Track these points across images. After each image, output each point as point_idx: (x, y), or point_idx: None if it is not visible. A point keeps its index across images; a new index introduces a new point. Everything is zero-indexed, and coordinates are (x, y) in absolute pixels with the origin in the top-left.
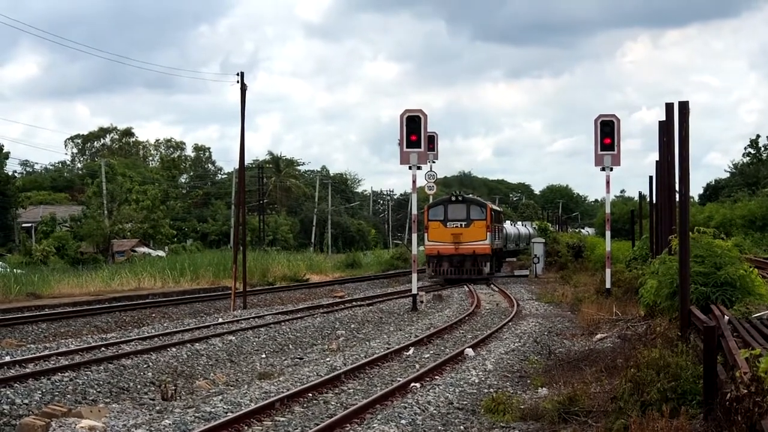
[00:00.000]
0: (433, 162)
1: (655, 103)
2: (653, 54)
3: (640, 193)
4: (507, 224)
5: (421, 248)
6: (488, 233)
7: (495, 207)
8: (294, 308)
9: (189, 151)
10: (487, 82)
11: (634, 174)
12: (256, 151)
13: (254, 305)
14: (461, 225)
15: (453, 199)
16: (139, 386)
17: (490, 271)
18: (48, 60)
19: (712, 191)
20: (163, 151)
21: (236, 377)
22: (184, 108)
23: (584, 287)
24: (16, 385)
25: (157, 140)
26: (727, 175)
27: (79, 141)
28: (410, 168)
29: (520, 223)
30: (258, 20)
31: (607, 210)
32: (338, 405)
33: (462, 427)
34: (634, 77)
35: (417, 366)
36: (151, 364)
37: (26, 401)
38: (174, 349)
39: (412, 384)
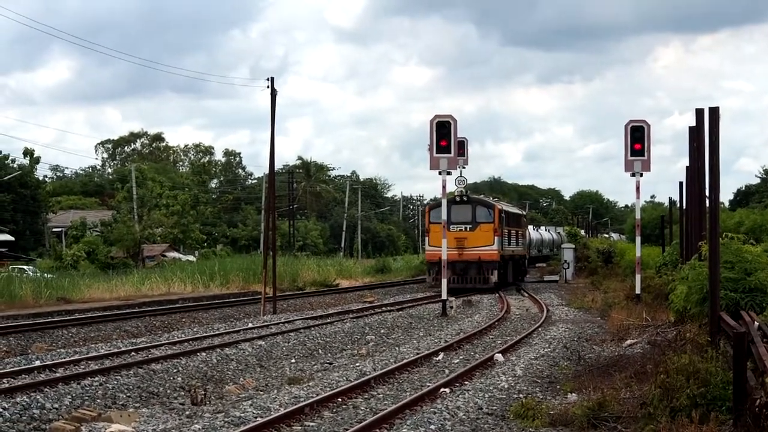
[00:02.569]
0: (463, 167)
1: (686, 108)
2: (685, 59)
3: (670, 199)
4: (529, 229)
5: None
6: (496, 237)
7: (510, 208)
8: (324, 313)
9: (219, 156)
10: (518, 87)
11: (665, 179)
12: (287, 156)
13: (284, 310)
14: (466, 228)
15: (457, 199)
16: (168, 391)
17: (498, 279)
18: (79, 65)
19: (743, 197)
20: (192, 156)
21: (266, 382)
22: (215, 113)
23: (614, 293)
24: (46, 389)
25: (186, 145)
26: (758, 180)
27: (110, 146)
28: (440, 173)
29: (543, 228)
30: (288, 25)
31: (637, 215)
32: (368, 410)
33: None
34: (665, 82)
35: (446, 371)
36: (180, 368)
37: (56, 406)
38: (204, 354)
39: (442, 389)
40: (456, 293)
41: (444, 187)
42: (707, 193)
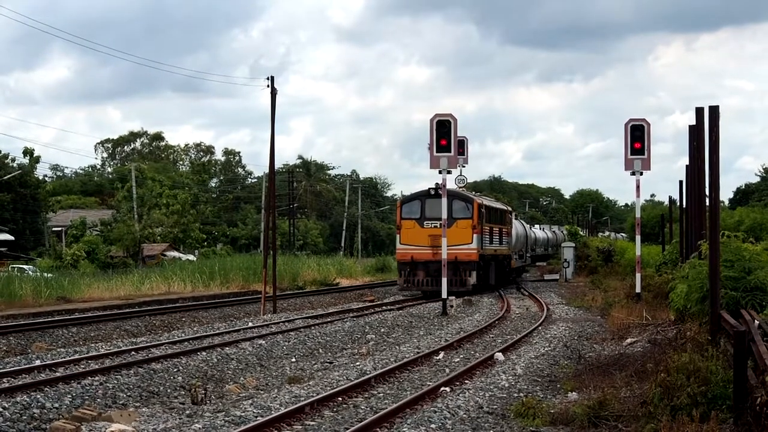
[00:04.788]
0: (464, 166)
1: (688, 107)
2: (686, 57)
3: (670, 198)
4: (517, 225)
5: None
6: (474, 235)
7: (491, 203)
8: (324, 312)
9: (219, 155)
10: (519, 85)
11: (665, 178)
12: (288, 155)
13: (284, 309)
14: (441, 225)
15: (432, 192)
16: (169, 390)
17: (477, 282)
18: (79, 64)
19: (743, 195)
20: (193, 156)
21: (266, 381)
22: (216, 112)
23: (614, 292)
24: (46, 389)
25: (186, 144)
26: (758, 179)
27: (110, 145)
28: (440, 172)
29: (538, 226)
30: (290, 24)
31: (637, 214)
32: (368, 409)
33: None
34: (667, 81)
35: (447, 370)
36: (181, 368)
37: (56, 405)
38: (204, 353)
39: (442, 388)
40: (430, 297)
41: (444, 185)
42: (707, 192)
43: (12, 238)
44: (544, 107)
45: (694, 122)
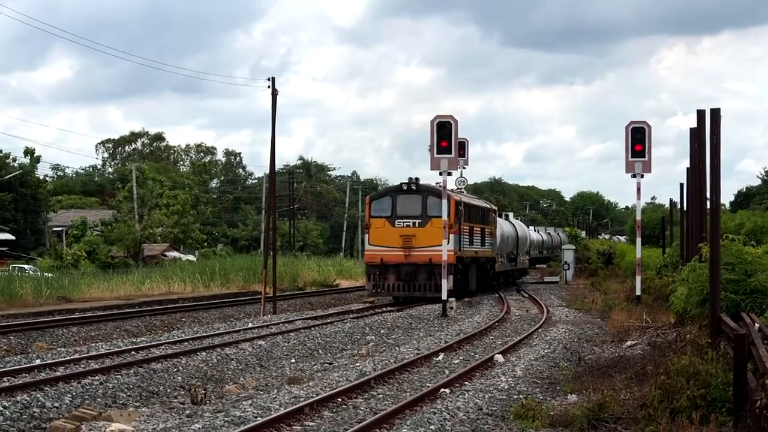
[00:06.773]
0: (464, 168)
1: (690, 110)
2: (688, 60)
3: (670, 200)
4: (504, 225)
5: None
6: (451, 235)
7: (472, 200)
8: (324, 313)
9: (220, 156)
10: (520, 87)
11: (667, 181)
12: (288, 156)
13: (284, 310)
14: (414, 224)
15: (404, 188)
16: (168, 390)
17: (453, 286)
18: (81, 64)
19: (744, 198)
20: (193, 156)
21: (266, 382)
22: (217, 112)
23: (614, 294)
24: (46, 388)
25: (187, 145)
26: (759, 182)
27: (110, 145)
28: (441, 174)
29: (533, 228)
30: (291, 25)
31: (638, 217)
32: (368, 410)
33: None
34: (668, 84)
35: (446, 372)
36: (181, 368)
37: (56, 404)
38: (204, 354)
39: (442, 390)
40: (402, 303)
41: (444, 187)
42: (708, 195)
43: (13, 237)
44: (545, 109)
45: (695, 125)
